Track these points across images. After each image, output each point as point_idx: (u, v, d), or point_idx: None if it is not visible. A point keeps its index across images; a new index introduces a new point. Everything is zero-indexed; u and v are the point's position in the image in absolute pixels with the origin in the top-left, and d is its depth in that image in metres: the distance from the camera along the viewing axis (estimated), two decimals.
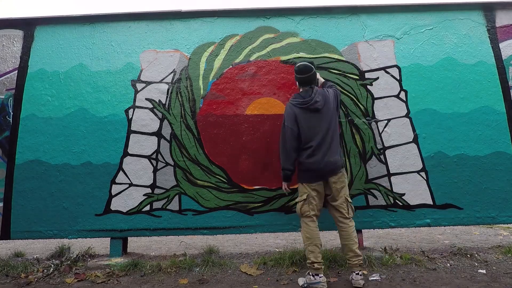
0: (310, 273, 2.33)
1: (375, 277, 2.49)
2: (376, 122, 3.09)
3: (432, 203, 2.99)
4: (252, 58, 3.18)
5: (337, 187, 2.42)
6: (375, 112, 3.10)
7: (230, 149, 3.07)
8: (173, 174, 3.05)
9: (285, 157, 2.51)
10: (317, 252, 2.36)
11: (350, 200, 2.47)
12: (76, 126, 3.10)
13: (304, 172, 2.48)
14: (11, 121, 3.11)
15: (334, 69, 3.15)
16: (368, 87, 3.13)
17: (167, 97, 3.15)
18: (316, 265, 2.31)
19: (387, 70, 3.15)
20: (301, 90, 2.58)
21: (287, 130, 2.48)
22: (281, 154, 2.56)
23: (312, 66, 2.53)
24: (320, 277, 2.29)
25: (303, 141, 2.45)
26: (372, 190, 3.02)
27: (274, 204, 3.01)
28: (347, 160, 3.04)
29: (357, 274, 2.34)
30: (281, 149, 2.55)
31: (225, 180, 3.05)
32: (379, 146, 3.06)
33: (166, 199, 3.03)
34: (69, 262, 2.89)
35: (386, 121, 3.08)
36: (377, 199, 3.00)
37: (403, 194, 3.00)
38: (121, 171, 3.05)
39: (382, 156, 3.05)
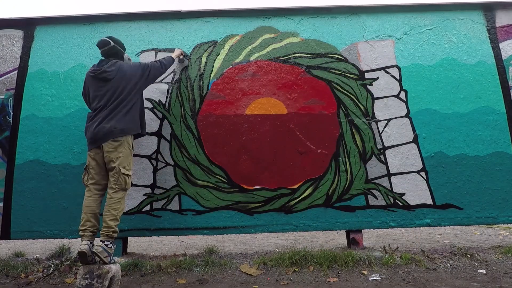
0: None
1: (375, 277, 2.49)
2: (376, 122, 3.09)
3: (432, 203, 2.99)
4: (252, 58, 3.18)
5: (110, 156, 2.40)
6: (375, 112, 3.10)
7: (230, 149, 3.07)
8: (173, 174, 3.05)
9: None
10: (84, 220, 2.36)
11: (126, 173, 2.43)
12: (76, 126, 3.11)
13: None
14: (11, 121, 3.11)
15: (334, 69, 3.16)
16: (368, 87, 3.13)
17: (167, 97, 3.15)
18: (80, 232, 2.34)
19: (387, 70, 3.15)
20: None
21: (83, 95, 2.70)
22: None
23: (110, 41, 2.56)
24: (82, 241, 2.30)
25: (90, 108, 2.57)
26: (372, 190, 3.02)
27: (274, 204, 3.01)
28: (347, 160, 3.05)
29: (101, 241, 2.31)
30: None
31: (225, 180, 3.05)
32: (379, 146, 3.06)
33: (166, 199, 3.03)
34: (69, 262, 2.89)
35: (386, 121, 3.09)
36: (377, 199, 3.00)
37: (403, 194, 3.00)
38: None
39: (382, 156, 3.05)
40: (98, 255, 2.23)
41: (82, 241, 2.31)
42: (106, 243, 2.31)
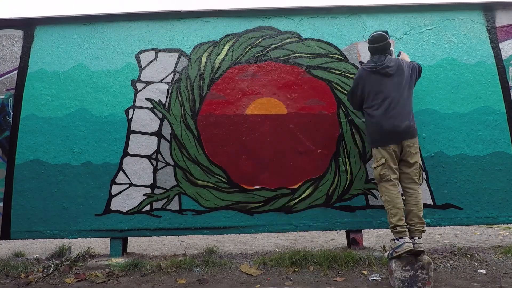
0: (394, 238, 2.34)
1: (375, 277, 2.50)
2: None
3: (432, 203, 2.99)
4: (252, 58, 3.18)
5: (411, 151, 2.44)
6: None
7: (230, 149, 3.07)
8: (173, 174, 3.05)
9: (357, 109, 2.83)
10: (400, 215, 2.34)
11: (422, 166, 2.53)
12: (76, 126, 3.10)
13: (378, 134, 2.50)
14: (11, 121, 3.11)
15: (334, 69, 3.15)
16: None
17: (167, 97, 3.15)
18: (398, 228, 2.31)
19: None
20: (374, 57, 2.63)
21: (353, 93, 2.69)
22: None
23: (387, 36, 2.59)
24: (403, 238, 2.27)
25: (371, 104, 2.53)
26: (372, 190, 3.01)
27: (274, 204, 3.01)
28: (347, 160, 3.04)
29: (419, 238, 2.33)
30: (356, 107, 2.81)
31: (225, 180, 3.05)
32: None
33: (166, 199, 3.03)
34: (69, 262, 2.89)
35: None
36: (377, 199, 3.00)
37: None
38: (121, 171, 3.05)
39: None
40: (424, 251, 2.30)
41: (404, 238, 2.29)
42: (421, 239, 2.35)
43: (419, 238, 2.33)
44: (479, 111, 3.08)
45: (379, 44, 2.57)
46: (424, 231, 2.39)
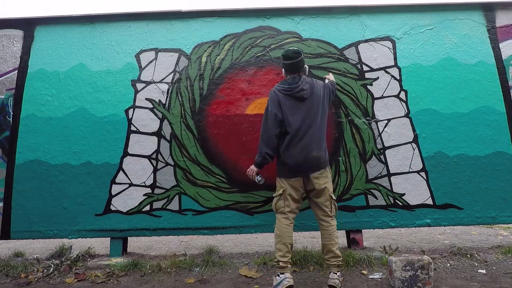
0: (277, 273, 2.25)
1: (375, 275, 2.50)
2: (376, 122, 3.09)
3: (432, 203, 2.99)
4: (252, 58, 3.18)
5: (320, 182, 2.30)
6: (375, 112, 3.10)
7: (230, 149, 3.07)
8: (173, 174, 3.05)
9: (266, 142, 2.35)
10: (285, 251, 2.26)
11: (334, 197, 2.37)
12: (76, 126, 3.10)
13: (283, 165, 2.36)
14: (11, 121, 3.11)
15: (334, 69, 3.15)
16: (368, 87, 3.13)
17: (167, 97, 3.15)
18: (281, 263, 2.23)
19: (387, 70, 3.15)
20: (288, 77, 2.45)
21: (270, 115, 2.33)
22: (261, 140, 2.39)
23: (301, 52, 2.41)
24: (284, 274, 2.20)
25: (286, 130, 2.32)
26: (372, 190, 3.02)
27: None
28: (347, 160, 3.04)
29: (334, 273, 2.25)
30: (262, 135, 2.39)
31: (225, 180, 3.05)
32: (379, 146, 3.06)
33: (166, 199, 3.03)
34: (69, 262, 2.89)
35: (386, 121, 3.08)
36: (377, 199, 3.00)
37: (403, 194, 3.00)
38: (121, 171, 3.05)
39: (382, 156, 3.05)
40: None
41: (284, 273, 2.20)
42: (338, 274, 2.26)
43: (334, 273, 2.24)
44: (479, 111, 3.08)
45: (294, 61, 2.37)
46: (340, 265, 2.29)
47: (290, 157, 2.30)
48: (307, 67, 2.57)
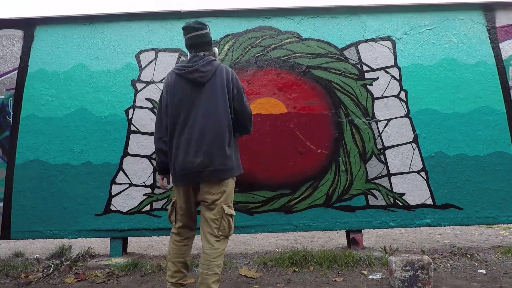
0: None
1: (375, 275, 2.50)
2: (376, 122, 3.09)
3: (432, 203, 2.99)
4: (252, 58, 3.18)
5: (212, 192, 1.82)
6: (375, 112, 3.10)
7: None
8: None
9: (159, 137, 1.96)
10: (173, 270, 1.89)
11: (230, 212, 1.84)
12: (76, 126, 3.10)
13: (172, 169, 1.89)
14: (11, 121, 3.11)
15: (334, 69, 3.15)
16: (368, 87, 3.13)
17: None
18: (169, 285, 1.88)
19: (387, 70, 3.15)
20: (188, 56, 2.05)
21: (162, 103, 1.95)
22: (155, 135, 2.02)
23: (206, 25, 1.99)
24: None
25: (169, 120, 1.87)
26: (372, 190, 3.02)
27: (274, 204, 3.01)
28: (347, 160, 3.04)
29: None
30: (155, 129, 2.01)
31: None
32: (379, 146, 3.06)
33: (166, 199, 3.03)
34: (69, 262, 2.89)
35: (386, 121, 3.09)
36: (377, 199, 3.00)
37: (403, 194, 3.00)
38: (121, 171, 3.05)
39: (382, 156, 3.05)
40: None
41: None
42: None
43: None
44: (479, 111, 3.08)
45: (194, 34, 1.93)
46: None
47: (175, 159, 1.85)
48: (216, 50, 2.09)
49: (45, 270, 2.78)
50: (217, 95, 1.84)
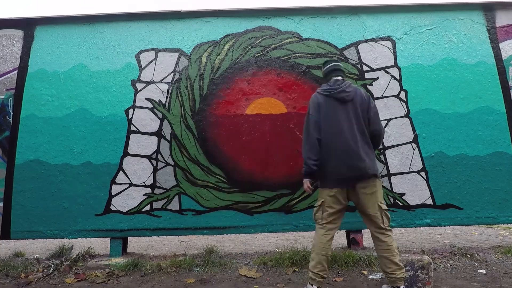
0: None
1: (375, 275, 2.50)
2: None
3: (432, 203, 2.99)
4: (252, 58, 3.18)
5: (366, 192, 2.12)
6: None
7: (230, 149, 3.07)
8: (173, 174, 3.05)
9: (310, 148, 2.20)
10: (315, 262, 2.12)
11: (385, 207, 2.14)
12: (76, 126, 3.10)
13: (324, 174, 2.19)
14: (11, 121, 3.11)
15: None
16: (368, 87, 3.13)
17: (167, 97, 3.15)
18: (310, 274, 2.13)
19: (387, 70, 3.15)
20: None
21: (311, 120, 2.22)
22: (304, 146, 2.26)
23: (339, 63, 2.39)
24: (312, 285, 2.10)
25: (323, 135, 2.18)
26: None
27: (274, 204, 3.01)
28: None
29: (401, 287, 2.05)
30: (305, 141, 2.26)
31: (225, 180, 3.05)
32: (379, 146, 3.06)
33: (166, 199, 3.03)
34: (69, 262, 2.89)
35: (386, 121, 3.08)
36: None
37: (403, 194, 3.00)
38: (121, 171, 3.05)
39: (382, 156, 3.05)
40: None
41: (313, 285, 2.10)
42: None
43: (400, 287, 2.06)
44: (479, 111, 3.08)
45: (336, 63, 2.34)
46: (402, 278, 2.06)
47: (328, 165, 2.17)
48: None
49: (45, 270, 2.78)
50: (357, 110, 2.21)
